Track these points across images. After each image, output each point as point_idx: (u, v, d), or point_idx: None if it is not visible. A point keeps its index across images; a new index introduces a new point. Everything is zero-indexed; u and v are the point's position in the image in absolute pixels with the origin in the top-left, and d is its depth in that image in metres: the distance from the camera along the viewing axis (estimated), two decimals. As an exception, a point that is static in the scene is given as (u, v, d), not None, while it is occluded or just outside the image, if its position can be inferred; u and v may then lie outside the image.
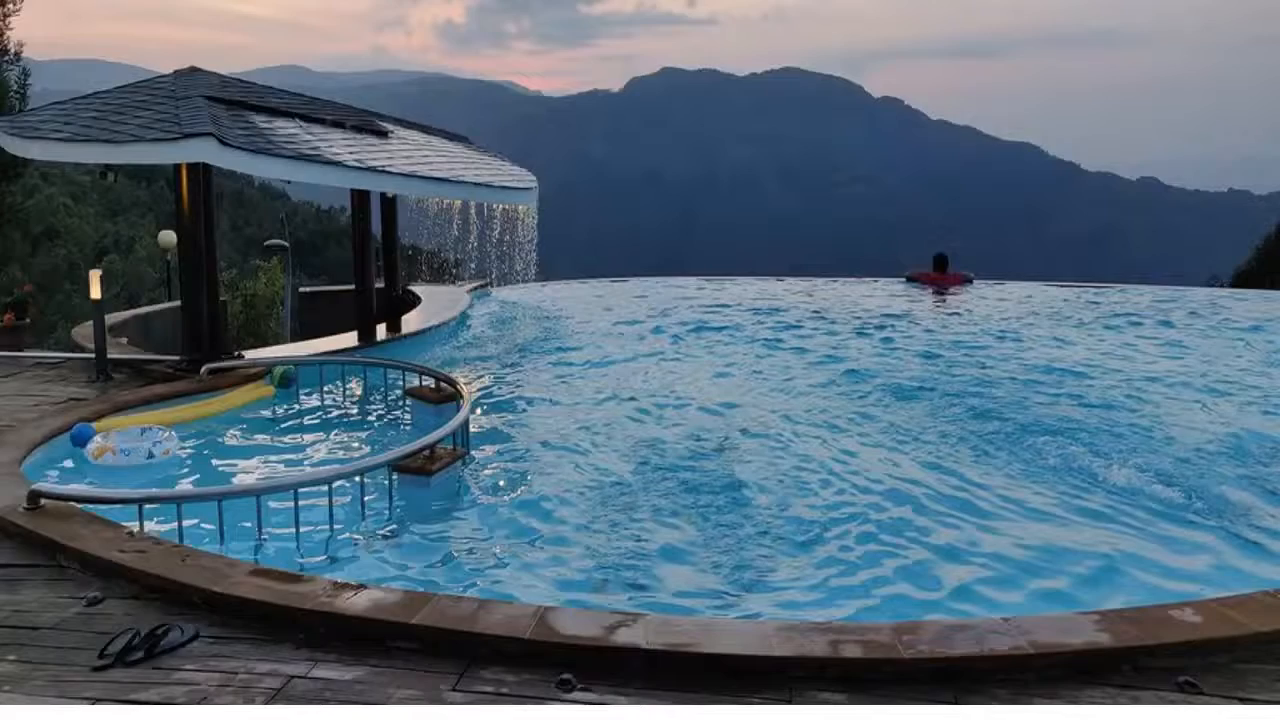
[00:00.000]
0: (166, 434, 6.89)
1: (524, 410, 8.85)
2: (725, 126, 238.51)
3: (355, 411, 8.73)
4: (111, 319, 11.77)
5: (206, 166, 8.71)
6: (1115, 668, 3.41)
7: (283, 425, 8.15)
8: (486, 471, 6.86)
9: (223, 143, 8.17)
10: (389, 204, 12.10)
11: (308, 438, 7.79)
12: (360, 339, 10.79)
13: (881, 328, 12.82)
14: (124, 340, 11.42)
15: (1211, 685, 3.31)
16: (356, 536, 5.63)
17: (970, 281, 16.93)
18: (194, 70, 10.23)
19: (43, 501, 5.05)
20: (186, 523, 5.11)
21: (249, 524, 5.34)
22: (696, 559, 5.41)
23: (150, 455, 6.65)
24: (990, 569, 5.28)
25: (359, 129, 10.76)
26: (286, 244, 23.12)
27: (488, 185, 11.65)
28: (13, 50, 22.55)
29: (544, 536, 5.71)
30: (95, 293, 8.96)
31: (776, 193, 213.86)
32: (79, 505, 5.09)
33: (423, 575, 5.10)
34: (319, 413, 8.54)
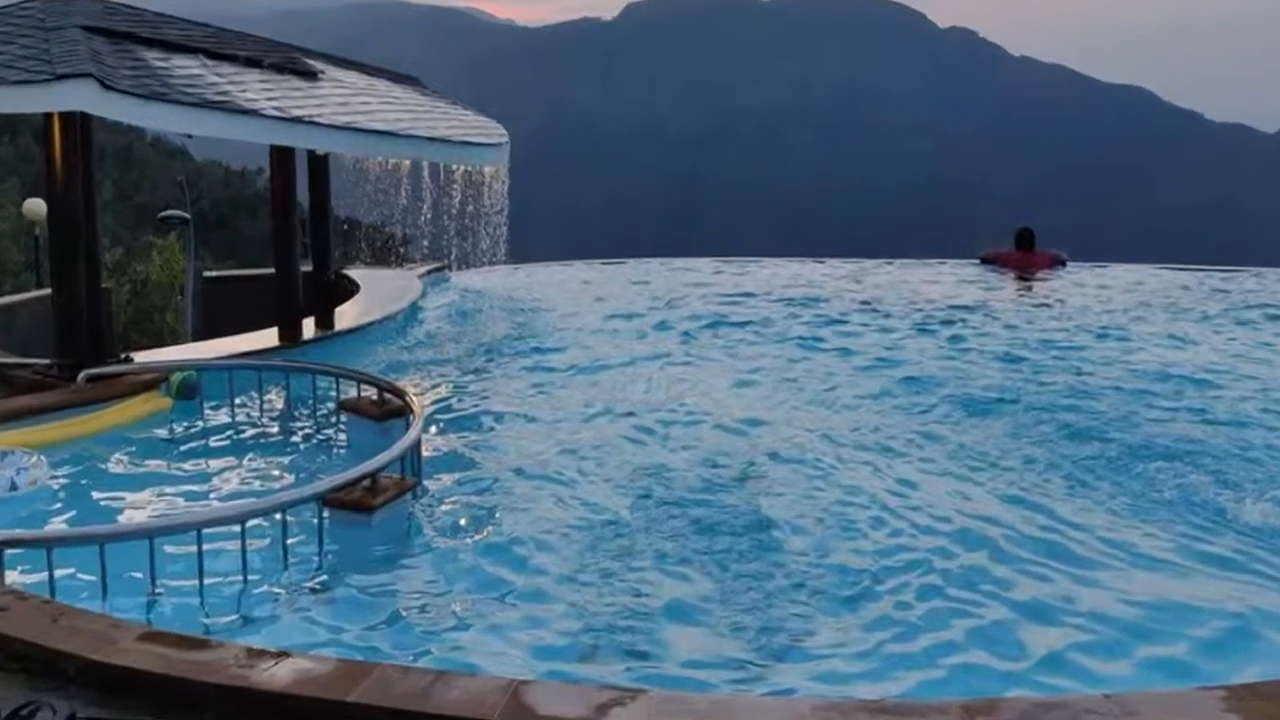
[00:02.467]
0: (33, 459, 6.89)
1: (491, 429, 8.87)
2: (743, 65, 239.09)
3: (275, 430, 8.74)
4: (-37, 311, 11.78)
5: (85, 116, 8.71)
6: (1248, 758, 3.41)
7: (183, 448, 8.16)
8: (444, 507, 6.86)
9: (105, 85, 8.17)
10: (319, 164, 12.11)
11: (215, 463, 7.80)
12: (282, 338, 10.79)
13: (949, 323, 12.84)
14: (-21, 339, 11.43)
15: (1372, 781, 3.31)
16: (277, 590, 5.64)
17: (1063, 264, 16.96)
18: (69, -7, 10.24)
19: (-125, 545, 5.05)
20: (59, 572, 5.10)
21: (140, 574, 5.34)
22: (712, 619, 5.42)
23: (12, 486, 6.65)
24: (1088, 631, 5.28)
25: (280, 68, 10.78)
26: (187, 215, 23.18)
27: (445, 140, 11.67)
28: None
29: (517, 590, 5.71)
30: (-58, 278, 8.97)
31: (809, 149, 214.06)
32: (-78, 550, 5.08)
33: (362, 640, 5.11)
34: (229, 431, 8.55)
